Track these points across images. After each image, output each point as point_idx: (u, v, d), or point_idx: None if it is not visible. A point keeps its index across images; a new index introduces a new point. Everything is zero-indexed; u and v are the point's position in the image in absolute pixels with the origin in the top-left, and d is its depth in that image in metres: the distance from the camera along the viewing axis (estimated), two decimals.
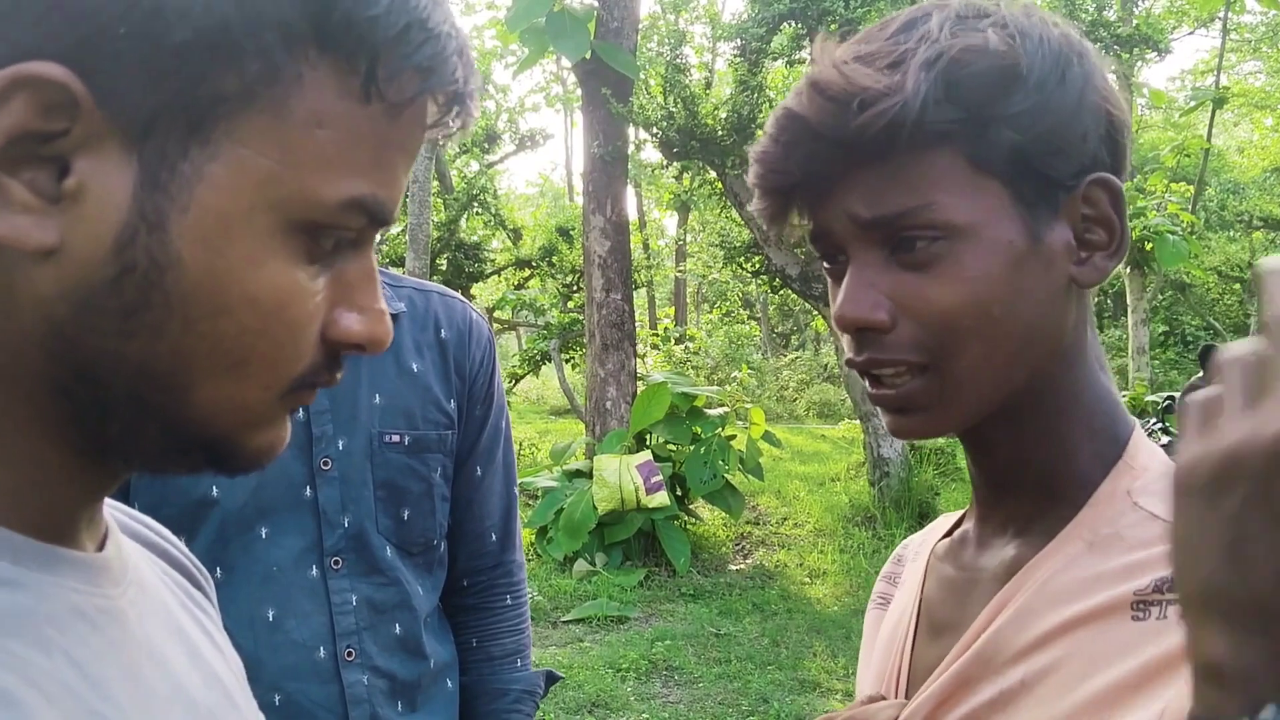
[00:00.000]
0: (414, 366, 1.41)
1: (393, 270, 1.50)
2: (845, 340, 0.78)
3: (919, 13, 0.74)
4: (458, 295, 1.53)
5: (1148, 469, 0.77)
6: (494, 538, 1.52)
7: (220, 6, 0.47)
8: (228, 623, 1.29)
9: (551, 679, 1.59)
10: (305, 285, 0.52)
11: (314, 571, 1.32)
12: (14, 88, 0.45)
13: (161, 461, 0.54)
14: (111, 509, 0.63)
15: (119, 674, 0.54)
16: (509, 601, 1.54)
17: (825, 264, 0.81)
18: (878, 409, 0.81)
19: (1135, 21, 10.00)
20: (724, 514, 8.24)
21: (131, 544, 0.64)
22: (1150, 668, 0.66)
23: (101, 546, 0.58)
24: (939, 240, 0.72)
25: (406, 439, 1.39)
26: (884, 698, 0.87)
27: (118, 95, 0.47)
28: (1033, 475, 0.80)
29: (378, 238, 0.58)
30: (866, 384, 0.80)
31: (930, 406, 0.76)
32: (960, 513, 0.93)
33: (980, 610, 0.79)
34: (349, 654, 1.33)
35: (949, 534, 0.92)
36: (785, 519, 9.19)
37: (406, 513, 1.39)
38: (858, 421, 9.77)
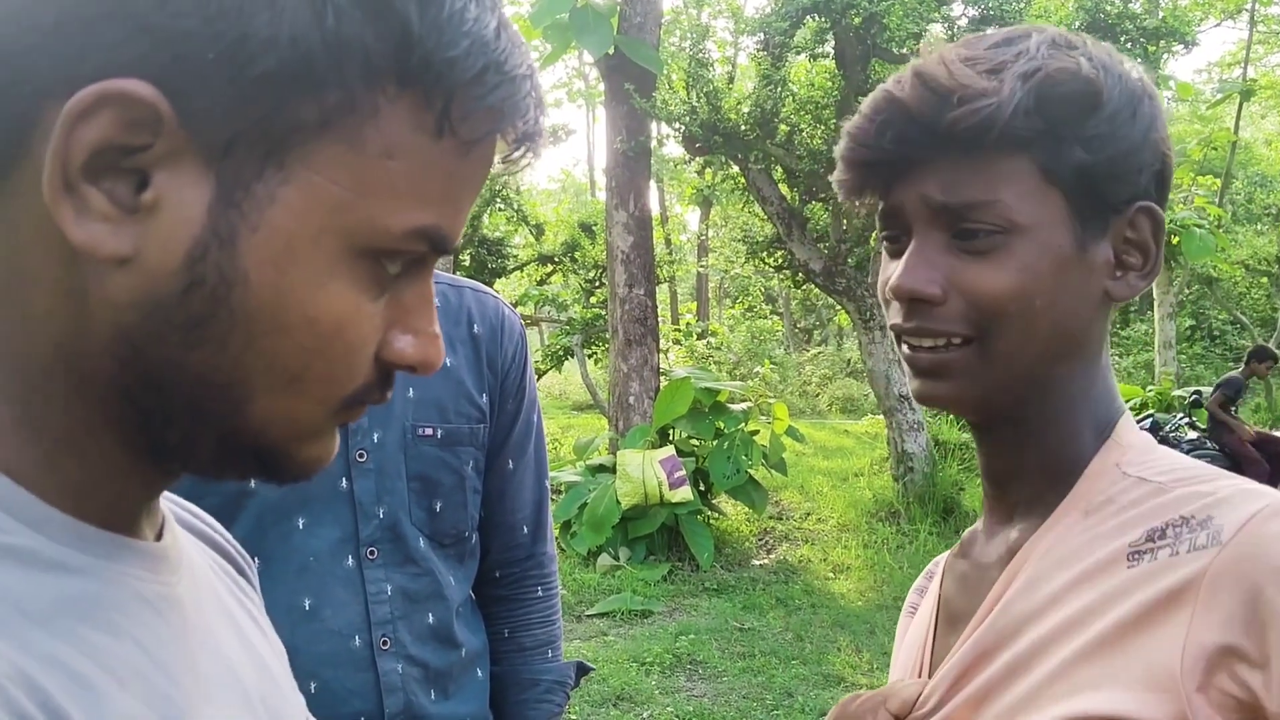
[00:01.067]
0: (447, 361, 1.43)
1: None
2: (893, 308, 0.86)
3: (1019, 31, 0.83)
4: (490, 290, 1.55)
5: (1134, 445, 0.85)
6: (525, 530, 1.54)
7: (306, 40, 0.48)
8: (269, 611, 1.32)
9: (582, 670, 1.60)
10: (365, 309, 0.53)
11: (350, 561, 1.35)
12: (102, 102, 0.47)
13: (215, 468, 0.56)
14: (165, 499, 0.65)
15: (180, 658, 0.55)
16: (540, 593, 1.56)
17: (887, 241, 0.88)
18: (907, 373, 0.88)
19: (1161, 14, 9.92)
20: (747, 509, 8.24)
21: (184, 533, 0.66)
22: (1147, 605, 0.73)
23: (159, 536, 0.59)
24: (998, 234, 0.80)
25: (439, 432, 1.41)
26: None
27: (200, 116, 0.48)
28: (1036, 460, 0.87)
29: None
30: (904, 348, 0.87)
31: (963, 376, 0.83)
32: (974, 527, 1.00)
33: (989, 592, 0.86)
34: (384, 643, 1.36)
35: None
36: (809, 514, 9.18)
37: (439, 504, 1.41)
38: (881, 417, 9.74)
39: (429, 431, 1.40)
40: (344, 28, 0.48)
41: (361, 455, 1.36)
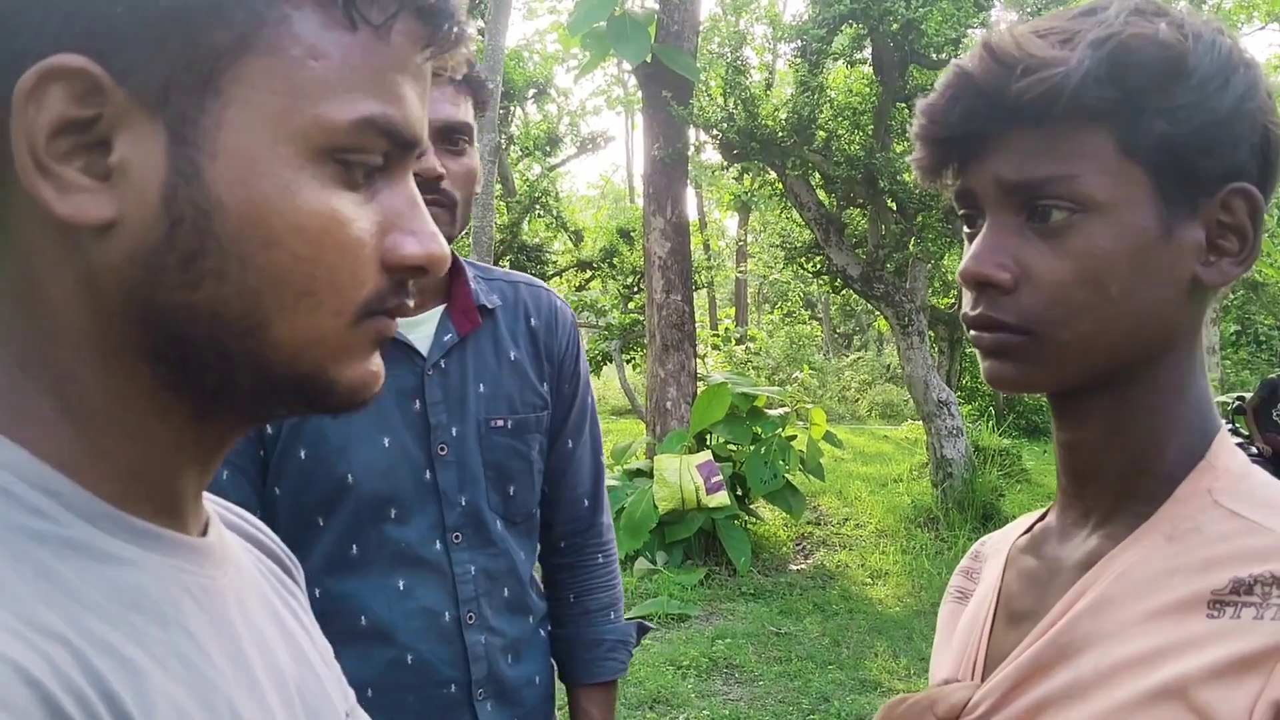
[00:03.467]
0: (512, 355, 1.56)
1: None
2: (966, 297, 0.83)
3: (1102, 1, 0.78)
4: (541, 283, 1.68)
5: (1229, 470, 0.80)
6: (586, 504, 1.69)
7: None
8: (365, 592, 1.45)
9: (642, 630, 1.75)
10: (346, 210, 0.55)
11: (438, 546, 1.49)
12: (45, 81, 0.50)
13: (261, 408, 0.59)
14: (212, 503, 0.68)
15: (222, 647, 0.58)
16: (600, 560, 1.72)
17: (966, 227, 0.85)
18: (978, 353, 0.84)
19: (1204, 17, 9.82)
20: (785, 514, 8.24)
21: (230, 534, 0.69)
22: (1221, 665, 0.69)
23: (204, 533, 0.63)
24: (1075, 213, 0.76)
25: (509, 423, 1.54)
26: (958, 680, 0.90)
27: (131, 70, 0.51)
28: (1119, 459, 0.82)
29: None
30: (971, 333, 0.83)
31: (1027, 361, 0.80)
32: (1039, 513, 0.96)
33: (1058, 599, 0.82)
34: (470, 618, 1.50)
35: (1029, 530, 0.95)
36: (847, 519, 9.17)
37: (512, 489, 1.55)
38: (920, 422, 9.71)
39: (500, 423, 1.53)
40: None
41: (442, 449, 1.49)
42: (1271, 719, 0.66)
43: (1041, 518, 0.94)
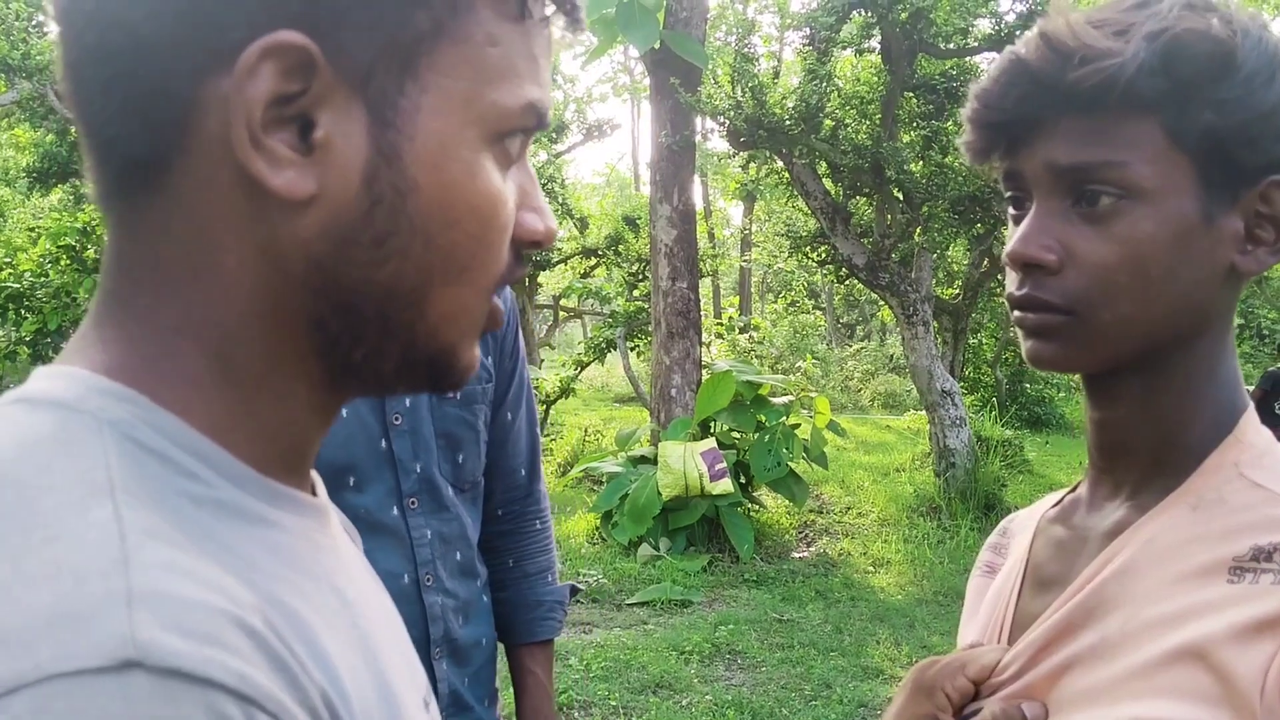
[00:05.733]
0: None
1: None
2: (1010, 277, 0.85)
3: None
4: None
5: (1254, 445, 0.83)
6: (523, 473, 1.78)
7: None
8: None
9: (574, 591, 1.86)
10: (505, 190, 0.58)
11: (395, 511, 1.56)
12: (263, 57, 0.51)
13: (395, 379, 0.60)
14: None
15: (362, 602, 0.61)
16: (538, 525, 1.81)
17: (1012, 208, 0.87)
18: (1019, 335, 0.87)
19: (1249, 12, 9.83)
20: (787, 502, 8.27)
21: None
22: (1239, 627, 0.72)
23: (313, 492, 0.64)
24: (1122, 199, 0.79)
25: (458, 394, 1.59)
26: (984, 645, 0.93)
27: (341, 50, 0.52)
28: (1149, 436, 0.85)
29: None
30: (1015, 313, 0.86)
31: (1069, 341, 0.83)
32: (1067, 489, 0.99)
33: (1087, 565, 0.85)
34: (427, 579, 1.58)
35: (1058, 504, 0.98)
36: (849, 508, 9.20)
37: (461, 456, 1.62)
38: (923, 412, 9.73)
39: (450, 393, 1.58)
40: None
41: (397, 419, 1.55)
42: None
43: (1070, 492, 0.97)
